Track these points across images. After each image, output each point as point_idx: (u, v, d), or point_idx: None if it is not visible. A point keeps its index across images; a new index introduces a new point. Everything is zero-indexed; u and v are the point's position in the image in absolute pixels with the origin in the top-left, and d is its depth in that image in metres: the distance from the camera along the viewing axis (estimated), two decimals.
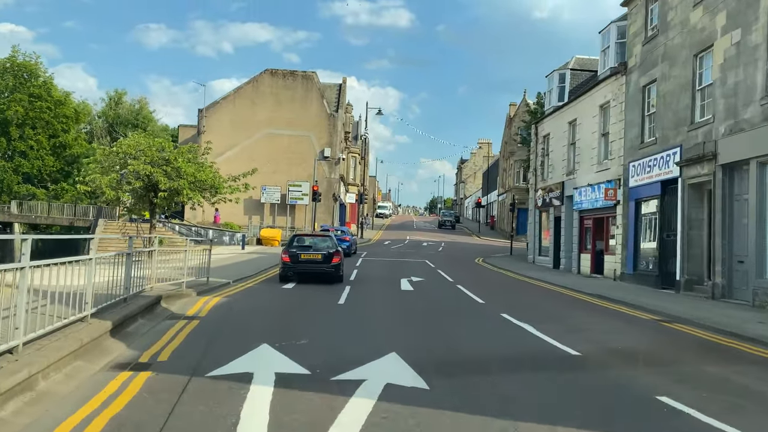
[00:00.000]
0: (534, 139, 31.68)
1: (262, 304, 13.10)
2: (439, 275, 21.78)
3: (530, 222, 31.85)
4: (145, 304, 9.86)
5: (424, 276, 20.87)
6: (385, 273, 22.31)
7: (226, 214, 42.75)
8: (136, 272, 10.54)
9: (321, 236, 20.63)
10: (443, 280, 20.20)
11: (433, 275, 21.67)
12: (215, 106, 44.79)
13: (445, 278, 20.65)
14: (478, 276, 22.92)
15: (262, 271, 20.80)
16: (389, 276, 21.00)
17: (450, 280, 20.04)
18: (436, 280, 20.20)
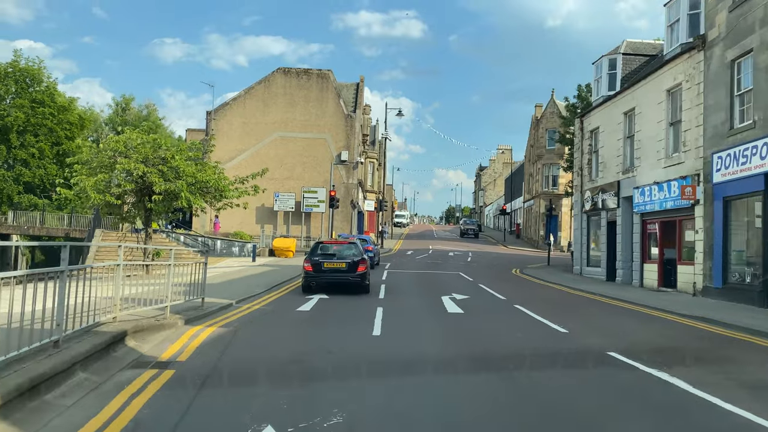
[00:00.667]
0: (578, 134, 28.19)
1: (269, 338, 9.69)
2: (483, 291, 18.33)
3: (576, 228, 28.27)
4: (92, 348, 6.54)
5: (468, 292, 17.40)
6: (420, 288, 18.94)
7: (236, 222, 39.68)
8: (87, 296, 7.26)
9: (345, 244, 18.66)
10: (492, 297, 16.73)
11: (477, 291, 18.21)
12: (224, 108, 41.81)
13: (493, 295, 17.18)
14: (530, 292, 19.40)
15: (273, 288, 17.50)
16: (426, 292, 17.62)
17: (500, 297, 16.57)
18: (484, 297, 16.75)
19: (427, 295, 16.72)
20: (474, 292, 17.58)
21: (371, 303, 14.31)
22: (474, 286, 19.73)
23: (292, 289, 17.73)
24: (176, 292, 10.93)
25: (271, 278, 20.34)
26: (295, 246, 33.80)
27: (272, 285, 18.04)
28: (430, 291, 17.93)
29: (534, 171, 61.76)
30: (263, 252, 33.31)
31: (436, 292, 17.23)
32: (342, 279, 16.52)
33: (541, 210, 57.39)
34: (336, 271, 16.59)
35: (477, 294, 17.23)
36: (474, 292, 17.86)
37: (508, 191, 79.73)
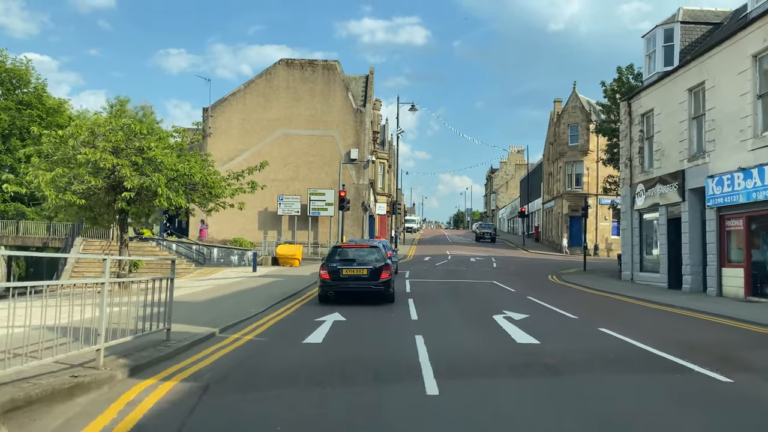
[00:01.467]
0: (625, 120, 24.46)
1: (252, 412, 5.70)
2: (540, 307, 14.61)
3: (624, 228, 24.50)
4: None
5: (522, 309, 13.64)
6: (459, 303, 15.30)
7: (236, 229, 36.11)
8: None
9: (366, 248, 16.33)
10: (558, 316, 12.97)
11: (533, 307, 14.46)
12: (222, 104, 38.30)
13: (557, 312, 13.43)
14: (597, 306, 15.66)
15: (274, 306, 13.85)
16: (468, 309, 14.01)
17: (569, 315, 12.83)
18: (548, 316, 13.03)
19: (473, 314, 13.05)
20: (530, 309, 13.84)
21: (404, 328, 10.61)
22: (523, 299, 16.02)
23: (298, 306, 14.10)
24: (127, 321, 7.32)
25: (273, 292, 16.70)
26: (301, 253, 30.17)
27: (273, 302, 14.39)
28: (473, 307, 14.29)
29: (554, 170, 58.00)
30: (266, 260, 29.70)
31: (481, 309, 13.57)
32: (363, 288, 14.79)
33: (564, 211, 53.71)
34: (356, 278, 14.78)
35: (535, 311, 13.48)
36: (529, 307, 14.12)
37: (524, 193, 75.90)
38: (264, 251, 31.06)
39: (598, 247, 51.90)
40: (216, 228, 36.39)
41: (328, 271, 14.70)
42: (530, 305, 14.67)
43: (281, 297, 15.53)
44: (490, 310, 13.05)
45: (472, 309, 13.86)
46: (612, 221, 52.75)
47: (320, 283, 14.96)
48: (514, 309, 13.33)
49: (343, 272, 14.69)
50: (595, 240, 52.24)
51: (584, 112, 52.14)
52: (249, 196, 37.18)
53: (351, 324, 11.14)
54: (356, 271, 14.77)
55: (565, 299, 16.49)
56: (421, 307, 13.96)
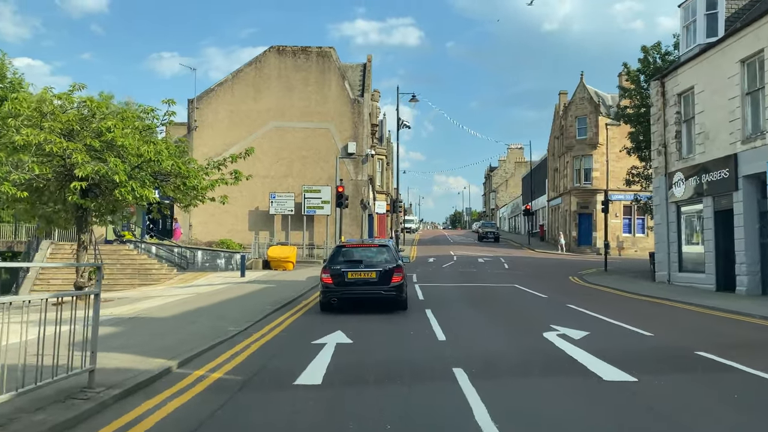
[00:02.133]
0: (657, 102, 21.77)
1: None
2: (592, 318, 11.83)
3: (658, 223, 21.78)
4: None
5: (572, 323, 10.85)
6: (491, 316, 12.52)
7: (225, 230, 33.33)
8: None
9: (375, 247, 14.11)
10: (625, 332, 10.16)
11: (585, 320, 11.60)
12: (209, 95, 35.46)
13: (622, 328, 10.62)
14: (661, 316, 12.87)
15: (259, 321, 11.06)
16: (505, 323, 11.25)
17: (642, 332, 9.98)
18: (612, 332, 10.22)
19: (516, 331, 10.28)
20: (582, 322, 11.04)
21: (433, 357, 7.87)
22: (563, 308, 13.31)
23: (291, 321, 11.34)
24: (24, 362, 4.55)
25: (261, 302, 13.92)
26: (295, 255, 27.36)
27: (259, 315, 11.60)
28: (509, 320, 11.55)
29: (561, 165, 55.43)
30: (256, 264, 26.90)
31: (522, 323, 10.86)
32: (372, 293, 12.74)
33: (572, 208, 51.08)
34: (364, 283, 12.72)
35: (591, 326, 10.62)
36: (579, 320, 11.35)
37: (527, 190, 73.36)
38: (254, 254, 28.27)
39: (609, 245, 49.16)
40: (202, 229, 33.61)
41: (332, 274, 12.64)
42: (578, 317, 11.91)
43: (270, 308, 12.75)
44: (535, 325, 10.31)
45: (510, 323, 11.10)
46: (623, 218, 50.24)
47: (322, 288, 12.89)
48: (564, 323, 10.57)
49: (349, 276, 12.59)
50: (606, 238, 49.53)
51: (593, 103, 49.55)
52: (238, 195, 34.51)
53: (359, 349, 8.38)
54: (363, 275, 12.63)
55: (612, 307, 13.76)
56: (444, 319, 11.21)
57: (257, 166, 34.87)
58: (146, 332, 9.30)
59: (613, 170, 50.04)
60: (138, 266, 24.04)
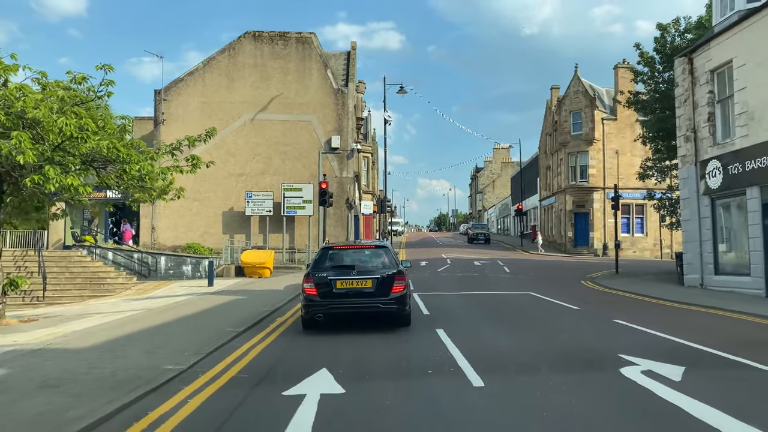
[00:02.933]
0: (683, 81, 19.12)
1: None
2: (663, 341, 8.96)
3: (688, 219, 19.07)
4: None
5: (643, 348, 7.95)
6: (528, 342, 9.47)
7: (198, 233, 30.22)
8: None
9: (370, 249, 11.27)
10: (731, 364, 7.27)
11: (657, 345, 8.59)
12: (178, 85, 32.27)
13: (717, 356, 7.74)
14: (740, 335, 10.04)
15: (214, 352, 8.05)
16: (558, 355, 8.22)
17: (759, 366, 7.14)
18: (714, 367, 7.27)
19: (577, 365, 7.31)
20: (654, 348, 8.16)
21: (476, 415, 4.92)
22: (613, 326, 10.49)
23: (256, 354, 8.32)
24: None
25: (222, 321, 10.92)
26: (272, 261, 24.28)
27: (213, 345, 8.56)
28: (557, 347, 8.60)
29: (554, 163, 52.96)
30: (228, 271, 23.80)
31: (576, 351, 7.97)
32: (367, 307, 9.97)
33: (567, 207, 48.56)
34: (357, 294, 9.93)
35: (673, 354, 7.65)
36: (648, 344, 8.48)
37: (516, 190, 70.88)
38: (226, 259, 25.18)
39: (608, 246, 46.73)
40: (171, 233, 30.42)
41: (316, 283, 9.92)
42: (642, 339, 9.05)
43: (233, 330, 9.76)
44: (598, 354, 7.50)
45: (560, 351, 8.14)
46: (622, 217, 47.79)
47: (304, 301, 10.11)
48: (633, 349, 7.71)
49: (338, 285, 9.90)
50: (604, 238, 47.13)
51: (588, 96, 47.12)
52: (211, 194, 31.32)
53: (355, 409, 5.42)
54: (357, 284, 9.92)
55: (670, 322, 10.99)
56: (466, 345, 8.31)
57: (231, 163, 31.82)
58: (25, 382, 6.27)
59: (610, 167, 47.74)
60: (90, 275, 20.87)
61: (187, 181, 31.67)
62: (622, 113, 47.60)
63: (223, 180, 31.19)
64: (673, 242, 48.03)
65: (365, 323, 10.12)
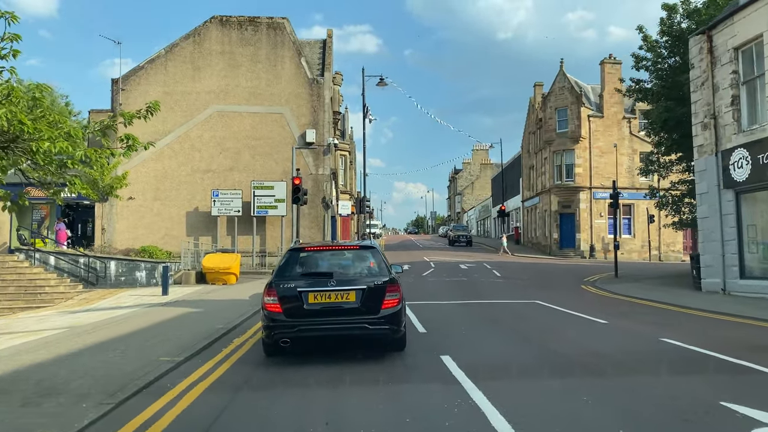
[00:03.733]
0: (701, 62, 17.08)
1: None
2: (751, 372, 6.65)
3: (707, 216, 16.98)
4: None
5: (756, 396, 5.65)
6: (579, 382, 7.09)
7: (158, 236, 27.53)
8: None
9: (352, 249, 8.72)
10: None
11: (753, 381, 6.43)
12: (138, 74, 29.47)
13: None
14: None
15: (122, 406, 5.46)
16: (632, 409, 5.77)
17: None
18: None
19: (668, 424, 4.87)
20: (759, 388, 5.88)
21: None
22: (673, 350, 8.15)
23: (190, 404, 5.78)
24: None
25: (160, 346, 8.39)
26: (238, 265, 21.65)
27: (131, 390, 6.04)
28: (636, 397, 6.13)
29: (538, 162, 51.13)
30: (188, 277, 21.11)
31: (670, 406, 5.48)
32: (350, 328, 7.43)
33: (553, 208, 46.65)
34: (336, 311, 7.40)
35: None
36: (743, 383, 6.18)
37: (497, 192, 68.94)
38: (186, 264, 22.48)
39: (595, 248, 44.98)
40: (129, 235, 27.64)
41: (281, 296, 7.40)
42: (726, 371, 6.74)
43: (170, 361, 7.26)
44: (702, 409, 5.07)
45: (646, 401, 5.69)
46: (608, 218, 46.03)
47: (265, 321, 7.54)
48: (734, 394, 5.38)
49: (310, 299, 7.40)
50: (590, 240, 45.34)
51: (574, 93, 45.33)
52: (174, 193, 28.40)
53: None
54: (335, 297, 7.39)
55: (729, 340, 8.73)
56: (497, 392, 5.85)
57: (196, 159, 29.10)
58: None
59: (597, 166, 45.96)
60: (27, 283, 18.07)
61: (147, 178, 29.16)
62: (608, 110, 45.95)
63: (187, 177, 28.51)
64: (661, 244, 46.51)
65: (344, 348, 7.74)
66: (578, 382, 6.27)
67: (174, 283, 20.16)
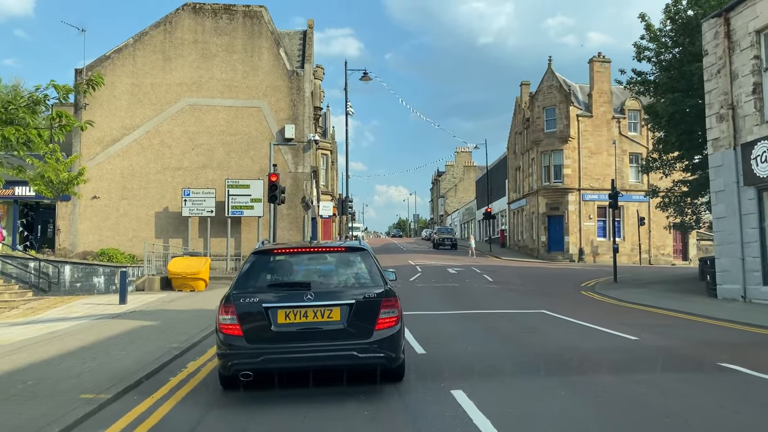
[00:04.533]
0: (717, 47, 15.64)
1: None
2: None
3: (725, 216, 15.49)
4: None
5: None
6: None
7: (126, 237, 25.51)
8: None
9: (335, 252, 6.54)
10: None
11: None
12: (104, 63, 27.38)
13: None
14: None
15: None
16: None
17: None
18: None
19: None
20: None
21: None
22: (738, 379, 6.50)
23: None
24: None
25: (85, 377, 6.55)
26: (208, 270, 19.73)
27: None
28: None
29: (525, 163, 49.80)
30: (151, 283, 19.14)
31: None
32: (334, 357, 5.52)
33: (540, 210, 45.29)
34: (313, 334, 5.50)
35: None
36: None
37: (482, 194, 67.53)
38: (151, 269, 20.51)
39: (584, 251, 43.66)
40: (94, 237, 25.58)
41: (241, 314, 5.64)
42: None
43: (92, 401, 5.45)
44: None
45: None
46: (598, 220, 44.79)
47: (221, 348, 5.74)
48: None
49: (281, 317, 5.60)
50: (579, 243, 44.01)
51: (563, 91, 44.06)
52: (142, 192, 26.28)
53: None
54: (313, 315, 5.59)
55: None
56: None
57: (167, 155, 27.06)
58: None
59: (586, 167, 44.66)
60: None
61: (113, 176, 27.02)
62: (597, 110, 44.74)
63: (157, 175, 26.48)
64: (651, 247, 45.37)
65: (325, 375, 6.00)
66: (628, 414, 4.60)
67: (136, 290, 18.23)
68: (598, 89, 44.53)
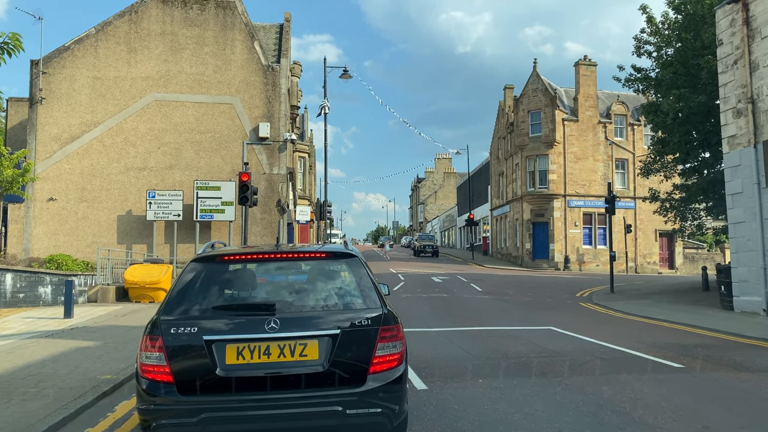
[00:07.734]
0: (734, 36, 14.29)
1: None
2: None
3: (740, 222, 14.06)
4: None
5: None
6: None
7: (85, 243, 23.44)
8: None
9: (313, 259, 4.42)
10: None
11: None
12: (63, 55, 25.28)
13: None
14: None
15: None
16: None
17: None
18: None
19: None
20: None
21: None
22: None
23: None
24: None
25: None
26: (170, 279, 17.71)
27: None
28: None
29: (509, 168, 48.53)
30: (105, 294, 17.13)
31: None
32: (308, 414, 3.36)
33: (525, 216, 43.97)
34: (280, 380, 3.35)
35: None
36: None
37: (463, 200, 66.16)
38: (106, 277, 18.47)
39: (569, 259, 42.42)
40: (50, 242, 23.48)
41: (172, 350, 3.68)
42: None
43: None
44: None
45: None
46: (583, 228, 43.62)
47: (142, 402, 3.73)
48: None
49: (230, 356, 3.63)
50: (565, 251, 42.79)
51: (548, 95, 42.92)
52: (103, 194, 24.17)
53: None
54: (278, 352, 3.65)
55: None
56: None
57: (131, 154, 25.02)
58: None
59: (572, 172, 43.49)
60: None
61: (72, 176, 24.77)
62: (583, 114, 43.68)
63: (119, 176, 24.44)
64: (638, 255, 44.31)
65: None
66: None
67: (88, 302, 16.24)
68: (584, 93, 43.50)
